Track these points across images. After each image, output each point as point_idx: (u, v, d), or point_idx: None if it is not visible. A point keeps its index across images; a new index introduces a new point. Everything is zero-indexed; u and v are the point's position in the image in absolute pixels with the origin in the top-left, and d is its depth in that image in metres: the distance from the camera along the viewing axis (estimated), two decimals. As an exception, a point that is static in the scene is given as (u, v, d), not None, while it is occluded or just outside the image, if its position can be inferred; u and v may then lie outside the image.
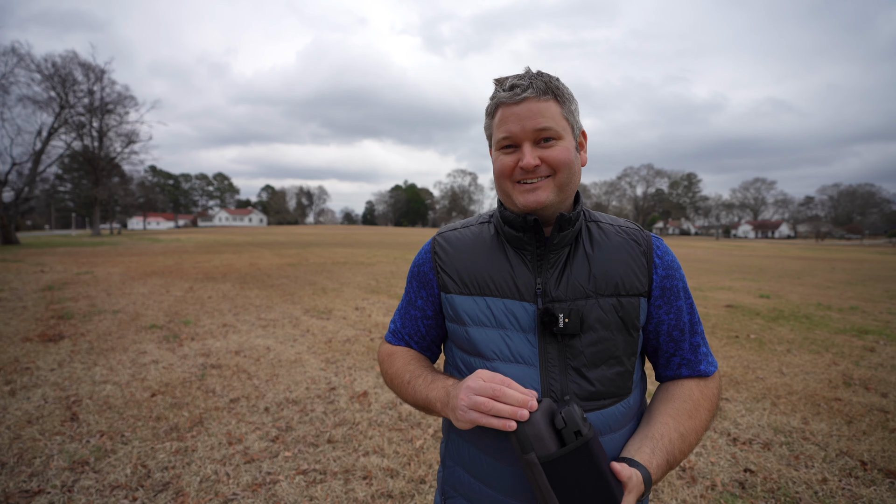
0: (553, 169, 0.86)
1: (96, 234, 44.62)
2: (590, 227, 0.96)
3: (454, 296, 0.95)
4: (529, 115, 0.84)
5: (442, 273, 0.97)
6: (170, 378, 4.28)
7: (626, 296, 0.89)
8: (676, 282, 0.94)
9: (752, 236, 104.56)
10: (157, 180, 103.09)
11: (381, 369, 1.08)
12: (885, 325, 6.96)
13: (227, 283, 10.73)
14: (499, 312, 0.90)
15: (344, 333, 6.06)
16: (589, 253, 0.91)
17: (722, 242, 61.53)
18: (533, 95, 0.84)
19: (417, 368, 0.98)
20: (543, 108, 0.85)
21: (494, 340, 0.89)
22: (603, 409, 0.87)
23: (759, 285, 11.93)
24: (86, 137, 40.59)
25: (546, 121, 0.84)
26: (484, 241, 0.97)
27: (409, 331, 1.05)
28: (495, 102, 0.89)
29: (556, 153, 0.85)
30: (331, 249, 23.52)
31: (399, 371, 1.00)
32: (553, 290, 0.89)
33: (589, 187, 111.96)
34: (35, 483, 2.56)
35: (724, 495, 2.53)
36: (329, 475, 2.72)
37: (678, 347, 0.95)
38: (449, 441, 1.01)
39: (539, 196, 0.86)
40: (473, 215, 1.09)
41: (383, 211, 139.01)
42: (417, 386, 0.94)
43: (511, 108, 0.86)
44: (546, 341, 0.87)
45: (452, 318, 0.96)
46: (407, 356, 1.03)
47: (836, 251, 38.52)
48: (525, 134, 0.85)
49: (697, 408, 0.90)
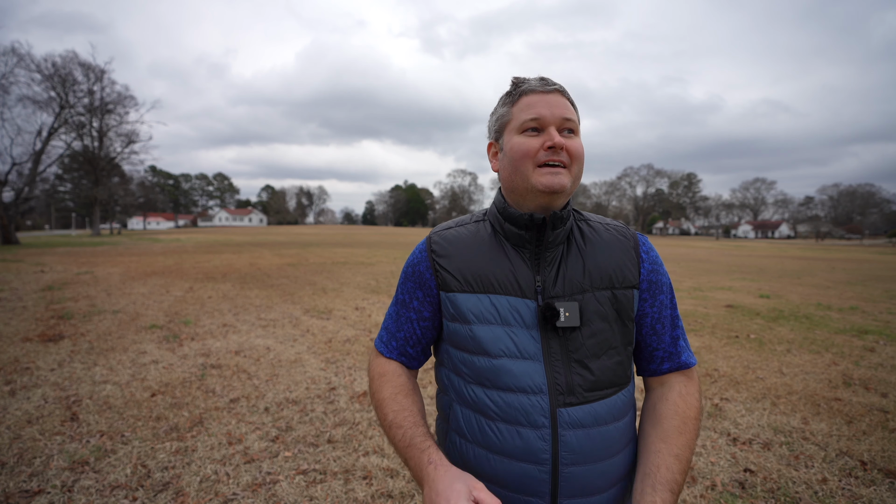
0: (572, 158, 0.91)
1: (96, 234, 44.61)
2: (580, 225, 1.00)
3: (457, 294, 0.94)
4: (558, 104, 0.91)
5: (442, 271, 0.96)
6: (170, 378, 4.28)
7: (620, 288, 0.93)
8: (661, 276, 0.99)
9: (752, 236, 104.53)
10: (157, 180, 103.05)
11: (369, 386, 1.05)
12: (885, 325, 6.96)
13: (227, 283, 10.73)
14: (503, 310, 0.91)
15: (344, 333, 6.06)
16: (582, 249, 0.96)
17: (722, 242, 61.54)
18: (560, 89, 0.93)
19: (401, 412, 0.94)
20: (566, 103, 0.93)
21: (501, 338, 0.90)
22: (606, 398, 0.90)
23: (759, 285, 11.93)
24: (86, 137, 40.57)
25: (571, 113, 0.92)
26: (482, 239, 0.98)
27: (404, 334, 1.02)
28: (522, 90, 0.94)
29: (577, 144, 0.91)
30: (331, 249, 23.52)
31: (384, 401, 0.97)
32: (552, 287, 0.91)
33: (589, 187, 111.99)
34: (35, 483, 2.56)
35: (724, 495, 2.53)
36: (329, 475, 2.72)
37: (660, 340, 0.98)
38: (449, 444, 0.99)
39: (562, 180, 0.89)
40: (467, 214, 1.09)
41: (383, 211, 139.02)
42: (395, 436, 0.92)
43: (542, 96, 0.92)
44: (548, 336, 0.89)
45: (454, 318, 0.95)
46: (395, 385, 0.99)
47: (836, 251, 38.52)
48: (554, 119, 0.90)
49: (685, 421, 0.92)
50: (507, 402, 0.89)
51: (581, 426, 0.88)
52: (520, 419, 0.88)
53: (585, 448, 0.87)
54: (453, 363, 0.97)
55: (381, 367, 1.04)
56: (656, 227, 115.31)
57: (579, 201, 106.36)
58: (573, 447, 0.87)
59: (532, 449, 0.87)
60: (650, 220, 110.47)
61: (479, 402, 0.92)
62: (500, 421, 0.89)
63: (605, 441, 0.89)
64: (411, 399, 0.98)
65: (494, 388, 0.90)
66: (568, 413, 0.87)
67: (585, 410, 0.88)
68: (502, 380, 0.89)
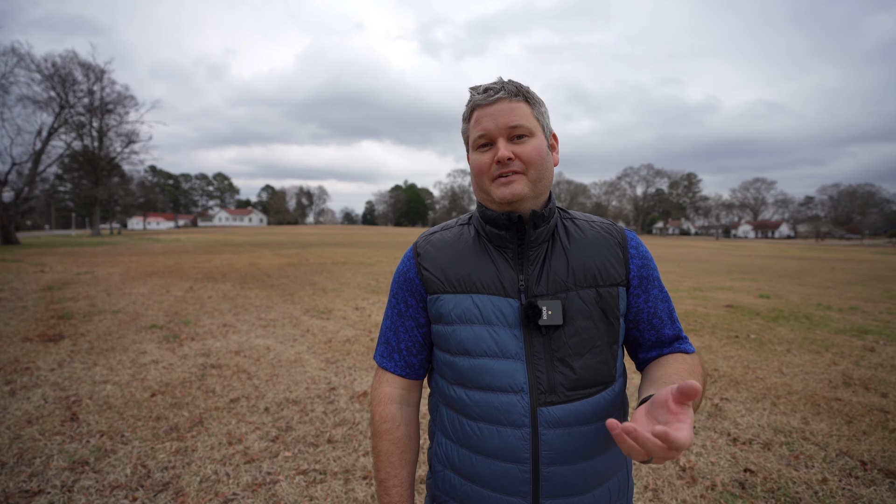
0: (526, 164, 0.90)
1: (96, 234, 44.61)
2: (565, 223, 1.00)
3: (440, 295, 0.95)
4: (502, 113, 0.89)
5: (426, 274, 0.97)
6: (170, 378, 4.28)
7: (605, 286, 0.93)
8: (651, 271, 0.98)
9: (752, 236, 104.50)
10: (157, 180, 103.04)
11: (371, 408, 1.02)
12: (885, 325, 6.96)
13: (227, 283, 10.73)
14: (486, 309, 0.91)
15: (344, 333, 6.06)
16: (566, 247, 0.95)
17: (722, 242, 61.54)
18: (505, 96, 0.90)
19: (390, 479, 0.97)
20: (515, 107, 0.90)
21: (483, 337, 0.90)
22: (589, 397, 0.89)
23: (759, 285, 11.93)
24: (86, 137, 40.60)
25: (518, 118, 0.89)
26: (466, 241, 0.99)
27: (405, 344, 1.01)
28: (471, 106, 0.94)
29: (529, 149, 0.90)
30: (331, 249, 23.52)
31: (379, 454, 0.98)
32: (535, 286, 0.91)
33: (589, 187, 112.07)
34: (35, 483, 2.56)
35: (724, 495, 2.53)
36: (329, 475, 2.72)
37: (660, 335, 0.97)
38: (436, 445, 1.00)
39: (514, 188, 0.89)
40: (453, 219, 1.10)
41: (383, 211, 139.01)
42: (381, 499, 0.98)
43: (486, 109, 0.91)
44: (531, 335, 0.89)
45: (438, 319, 0.95)
46: (393, 440, 0.99)
47: (836, 251, 38.52)
48: (499, 130, 0.89)
49: (693, 369, 0.91)
50: (487, 402, 0.89)
51: (562, 425, 0.87)
52: (500, 418, 0.88)
53: (567, 447, 0.87)
54: (438, 365, 0.98)
55: (384, 396, 1.01)
56: (656, 227, 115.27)
57: (579, 201, 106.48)
58: (554, 446, 0.86)
59: (512, 448, 0.87)
60: (650, 220, 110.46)
61: (461, 402, 0.92)
62: (481, 421, 0.89)
63: (588, 440, 0.88)
64: (405, 459, 0.99)
65: (475, 388, 0.90)
66: (549, 412, 0.87)
67: (567, 409, 0.87)
68: (483, 379, 0.89)
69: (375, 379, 1.05)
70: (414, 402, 1.05)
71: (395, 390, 1.01)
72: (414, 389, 1.04)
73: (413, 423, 1.03)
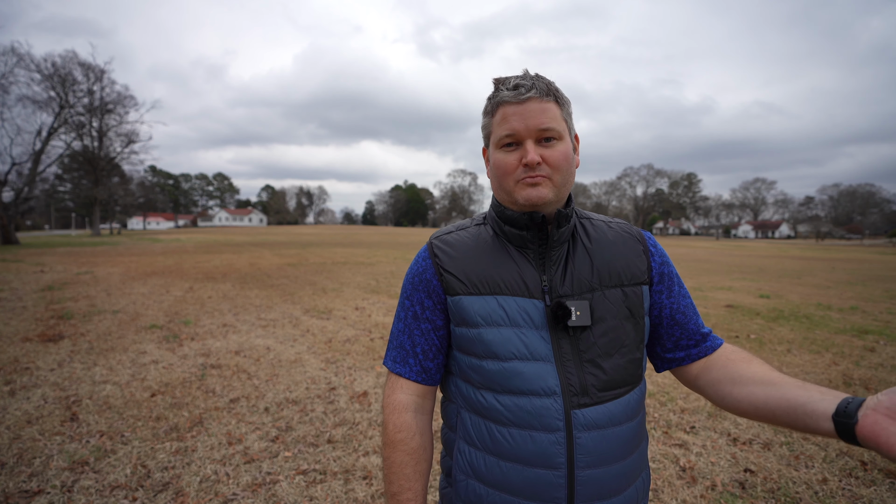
0: (553, 168, 0.87)
1: (96, 234, 44.61)
2: (583, 223, 0.98)
3: (462, 297, 0.91)
4: (533, 114, 0.86)
5: (447, 275, 0.94)
6: (170, 378, 4.28)
7: (630, 285, 0.92)
8: (671, 268, 0.99)
9: (752, 236, 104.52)
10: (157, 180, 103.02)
11: (385, 419, 0.97)
12: (885, 325, 6.96)
13: (227, 283, 10.72)
14: (512, 311, 0.88)
15: (344, 333, 6.06)
16: (588, 247, 0.94)
17: (722, 242, 61.54)
18: (536, 96, 0.86)
19: (403, 493, 0.92)
20: (546, 108, 0.87)
21: (511, 340, 0.87)
22: (620, 397, 0.89)
23: (759, 285, 11.93)
24: (85, 137, 40.60)
25: (549, 121, 0.86)
26: (485, 241, 0.96)
27: (421, 348, 0.96)
28: (497, 101, 0.90)
29: (557, 154, 0.87)
30: (331, 249, 23.51)
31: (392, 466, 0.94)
32: (559, 287, 0.90)
33: (589, 187, 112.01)
34: (35, 483, 2.56)
35: (724, 495, 2.53)
36: (329, 475, 2.72)
37: (684, 330, 0.97)
38: (458, 453, 0.94)
39: (541, 192, 0.87)
40: (466, 219, 1.08)
41: (383, 211, 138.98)
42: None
43: (515, 107, 0.87)
44: (559, 336, 0.87)
45: (461, 322, 0.91)
46: (407, 451, 0.94)
47: (836, 251, 38.52)
48: (529, 132, 0.86)
49: (750, 359, 0.91)
50: (519, 406, 0.86)
51: (596, 427, 0.86)
52: (533, 423, 0.85)
53: (601, 449, 0.85)
54: (461, 369, 0.94)
55: (399, 404, 0.96)
56: (656, 227, 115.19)
57: (579, 201, 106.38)
58: (589, 449, 0.85)
59: (546, 453, 0.84)
60: (650, 219, 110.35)
61: (490, 407, 0.88)
62: (512, 426, 0.86)
63: (621, 441, 0.87)
64: (419, 471, 0.94)
65: (505, 393, 0.87)
66: (583, 414, 0.85)
67: (600, 411, 0.86)
68: (513, 383, 0.86)
69: (388, 386, 1.00)
70: (428, 409, 1.00)
71: (410, 397, 0.96)
72: (429, 396, 1.00)
73: (428, 432, 0.98)
